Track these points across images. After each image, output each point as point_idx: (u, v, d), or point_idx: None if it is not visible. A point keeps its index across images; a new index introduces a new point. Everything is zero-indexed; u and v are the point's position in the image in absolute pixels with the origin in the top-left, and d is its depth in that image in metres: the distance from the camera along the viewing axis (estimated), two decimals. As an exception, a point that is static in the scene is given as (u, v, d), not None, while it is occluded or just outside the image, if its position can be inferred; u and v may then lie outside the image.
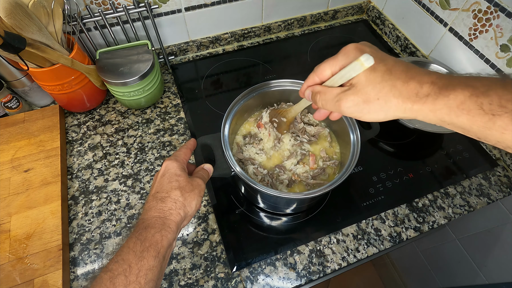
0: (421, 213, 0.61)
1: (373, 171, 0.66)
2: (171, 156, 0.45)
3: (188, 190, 0.40)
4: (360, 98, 0.32)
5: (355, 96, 0.32)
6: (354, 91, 0.32)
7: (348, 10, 0.96)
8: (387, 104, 0.31)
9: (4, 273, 0.50)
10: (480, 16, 0.66)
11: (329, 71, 0.35)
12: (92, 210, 0.60)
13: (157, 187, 0.41)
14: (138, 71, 0.65)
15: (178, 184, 0.40)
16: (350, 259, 0.56)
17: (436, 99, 0.29)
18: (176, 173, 0.41)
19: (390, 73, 0.31)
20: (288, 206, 0.58)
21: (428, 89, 0.29)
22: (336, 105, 0.34)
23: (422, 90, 0.29)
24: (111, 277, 0.32)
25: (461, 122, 0.28)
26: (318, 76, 0.37)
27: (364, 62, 0.30)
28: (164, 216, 0.37)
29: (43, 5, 0.55)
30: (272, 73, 0.83)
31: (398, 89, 0.30)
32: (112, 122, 0.73)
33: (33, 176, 0.61)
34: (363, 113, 0.33)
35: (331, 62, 0.35)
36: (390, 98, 0.31)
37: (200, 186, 0.42)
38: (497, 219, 0.77)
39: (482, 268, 0.87)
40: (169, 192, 0.39)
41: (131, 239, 0.35)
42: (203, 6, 0.78)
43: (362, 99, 0.32)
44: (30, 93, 0.70)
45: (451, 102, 0.28)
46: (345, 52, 0.34)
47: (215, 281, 0.53)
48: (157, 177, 0.42)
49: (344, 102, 0.33)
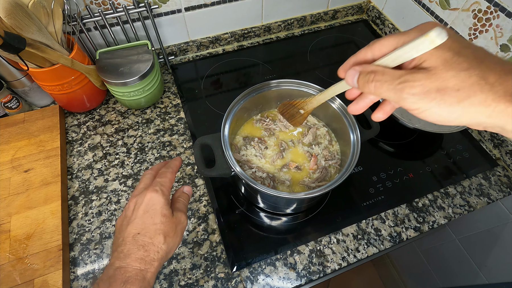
0: (421, 213, 0.61)
1: (373, 171, 0.66)
2: (156, 184, 0.39)
3: (172, 234, 0.37)
4: (433, 85, 0.24)
5: (428, 81, 0.24)
6: (427, 75, 0.24)
7: (348, 10, 0.96)
8: (469, 99, 0.23)
9: (4, 273, 0.50)
10: (480, 16, 0.66)
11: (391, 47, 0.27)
12: (92, 210, 0.60)
13: (139, 225, 0.36)
14: (138, 71, 0.65)
15: (163, 228, 0.37)
16: (350, 259, 0.56)
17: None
18: (162, 213, 0.37)
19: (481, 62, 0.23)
20: (288, 206, 0.58)
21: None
22: (396, 89, 0.25)
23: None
24: None
25: None
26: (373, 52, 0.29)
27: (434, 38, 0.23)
28: (145, 269, 0.34)
29: (43, 5, 0.55)
30: (272, 73, 0.83)
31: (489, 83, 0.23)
32: (112, 122, 0.73)
33: (33, 176, 0.61)
34: (431, 105, 0.24)
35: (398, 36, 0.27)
36: (475, 92, 0.23)
37: (182, 224, 0.39)
38: (497, 219, 0.77)
39: (482, 268, 0.87)
40: (152, 237, 0.36)
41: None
42: (203, 6, 0.78)
43: (436, 86, 0.24)
44: (30, 93, 0.70)
45: None
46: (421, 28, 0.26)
47: (215, 281, 0.53)
48: (139, 210, 0.38)
49: (410, 88, 0.25)
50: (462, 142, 0.71)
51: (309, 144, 0.58)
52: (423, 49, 0.24)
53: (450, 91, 0.23)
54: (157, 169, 0.44)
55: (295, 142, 0.59)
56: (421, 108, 0.25)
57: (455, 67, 0.24)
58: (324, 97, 0.41)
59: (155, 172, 0.43)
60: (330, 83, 0.37)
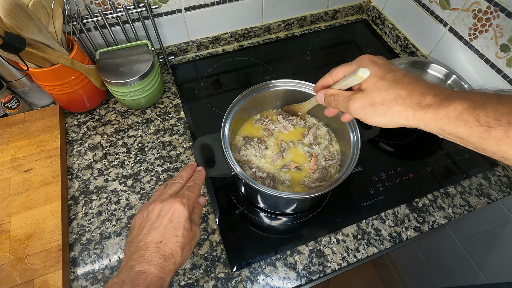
0: (421, 213, 0.61)
1: (373, 171, 0.66)
2: (184, 197, 0.41)
3: (188, 247, 0.39)
4: (366, 101, 0.35)
5: (363, 99, 0.36)
6: (362, 95, 0.36)
7: (348, 10, 0.96)
8: (391, 110, 0.34)
9: (4, 273, 0.50)
10: (480, 16, 0.66)
11: (342, 75, 0.39)
12: (92, 210, 0.60)
13: (162, 234, 0.38)
14: (138, 71, 0.65)
15: (182, 241, 0.38)
16: (350, 259, 0.56)
17: (437, 109, 0.31)
18: (184, 226, 0.39)
19: (396, 83, 0.34)
20: (288, 206, 0.58)
21: (431, 100, 0.32)
22: (345, 105, 0.38)
23: (425, 101, 0.32)
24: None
25: (459, 132, 0.30)
26: (332, 78, 0.41)
27: (361, 75, 0.34)
28: (163, 277, 0.36)
29: (43, 5, 0.55)
30: (272, 73, 0.83)
31: (402, 98, 0.33)
32: (112, 122, 0.73)
33: (33, 176, 0.61)
34: (368, 116, 0.36)
35: (346, 67, 0.39)
36: (393, 105, 0.34)
37: (197, 237, 0.41)
38: (497, 219, 0.77)
39: (482, 268, 0.87)
40: (172, 249, 0.37)
41: None
42: (203, 6, 0.78)
43: (368, 102, 0.35)
44: (30, 93, 0.70)
45: (451, 113, 0.30)
46: (359, 61, 0.38)
47: (215, 281, 0.53)
48: (164, 218, 0.39)
49: (353, 103, 0.36)
50: (462, 142, 0.70)
51: (310, 144, 0.58)
52: (356, 81, 0.37)
53: (378, 104, 0.35)
54: (187, 178, 0.46)
55: (295, 142, 0.59)
56: (363, 117, 0.37)
57: (379, 88, 0.35)
58: (309, 105, 0.54)
59: (184, 182, 0.45)
60: (330, 83, 0.39)
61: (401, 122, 0.34)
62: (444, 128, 0.31)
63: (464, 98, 0.30)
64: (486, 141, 0.29)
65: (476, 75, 0.71)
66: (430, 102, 0.32)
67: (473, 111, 0.29)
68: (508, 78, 0.64)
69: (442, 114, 0.31)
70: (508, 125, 0.27)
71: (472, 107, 0.29)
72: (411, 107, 0.33)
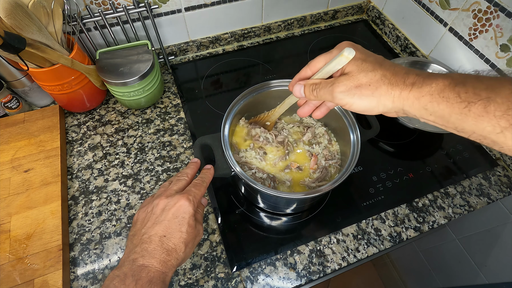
0: (421, 213, 0.61)
1: (373, 171, 0.66)
2: (190, 193, 0.41)
3: (191, 244, 0.39)
4: (352, 83, 0.34)
5: (348, 81, 0.34)
6: (347, 77, 0.35)
7: (348, 10, 0.96)
8: (378, 90, 0.33)
9: (4, 273, 0.50)
10: (480, 16, 0.66)
11: (323, 63, 0.38)
12: (92, 210, 0.60)
13: (167, 228, 0.38)
14: (138, 71, 0.65)
15: (186, 237, 0.38)
16: (350, 259, 0.56)
17: (420, 87, 0.31)
18: (189, 222, 0.39)
19: (380, 65, 0.34)
20: (288, 206, 0.58)
21: (414, 79, 0.32)
22: (329, 90, 0.36)
23: (409, 79, 0.32)
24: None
25: (441, 109, 0.30)
26: (311, 69, 0.39)
27: (347, 55, 0.33)
28: (165, 272, 0.36)
29: (43, 5, 0.55)
30: (272, 73, 0.83)
31: (387, 78, 0.33)
32: (112, 122, 0.73)
33: (33, 176, 0.61)
34: (354, 99, 0.34)
35: (326, 55, 0.38)
36: (380, 85, 0.33)
37: (200, 236, 0.41)
38: (497, 219, 0.77)
39: (482, 268, 0.87)
40: (176, 244, 0.37)
41: (132, 284, 0.34)
42: (203, 6, 0.78)
43: (354, 84, 0.34)
44: (30, 93, 0.70)
45: (433, 90, 0.30)
46: (339, 46, 0.37)
47: (215, 281, 0.53)
48: (169, 213, 0.39)
49: (338, 86, 0.35)
50: (462, 142, 0.71)
51: (309, 142, 0.58)
52: (342, 63, 0.35)
53: (364, 85, 0.34)
54: (192, 175, 0.46)
55: (297, 141, 0.59)
56: (348, 102, 0.35)
57: (364, 69, 0.34)
58: (282, 109, 0.51)
59: (189, 179, 0.45)
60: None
61: (387, 104, 0.33)
62: (426, 106, 0.31)
63: (445, 76, 0.31)
64: (467, 117, 0.29)
65: (476, 75, 0.71)
66: (413, 81, 0.32)
67: (453, 87, 0.30)
68: (508, 78, 0.64)
69: (426, 91, 0.31)
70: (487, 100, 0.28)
71: (453, 84, 0.30)
72: (397, 85, 0.32)
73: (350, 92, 0.34)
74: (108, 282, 0.34)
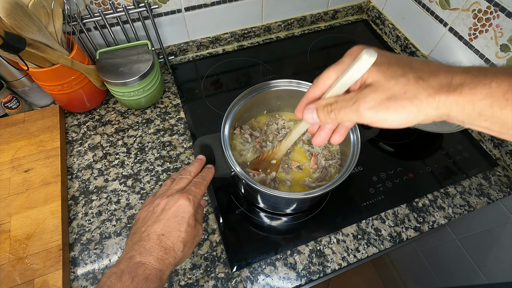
0: (421, 213, 0.61)
1: (373, 171, 0.66)
2: (190, 193, 0.41)
3: (189, 244, 0.39)
4: (383, 95, 0.27)
5: (376, 94, 0.27)
6: (373, 89, 0.27)
7: (348, 10, 0.96)
8: (417, 98, 0.26)
9: (4, 273, 0.50)
10: (480, 16, 0.66)
11: (334, 77, 0.30)
12: (92, 210, 0.60)
13: (165, 227, 0.38)
14: (138, 71, 0.65)
15: (185, 237, 0.38)
16: (350, 259, 0.56)
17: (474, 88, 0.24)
18: (188, 222, 0.39)
19: (411, 67, 0.27)
20: (288, 206, 0.58)
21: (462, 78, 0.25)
22: (353, 110, 0.28)
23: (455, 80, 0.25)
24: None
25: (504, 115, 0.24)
26: (320, 87, 0.32)
27: (368, 57, 0.26)
28: (162, 270, 0.36)
29: (43, 5, 0.55)
30: (272, 73, 0.83)
31: (426, 81, 0.26)
32: (112, 122, 0.73)
33: (33, 176, 0.61)
34: (390, 113, 0.27)
35: (336, 66, 0.30)
36: (419, 91, 0.26)
37: (199, 236, 0.41)
38: (497, 219, 0.77)
39: (482, 268, 0.87)
40: (174, 243, 0.37)
41: (128, 281, 0.33)
42: (203, 6, 0.78)
43: (386, 96, 0.26)
44: (30, 93, 0.70)
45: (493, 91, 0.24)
46: (351, 53, 0.30)
47: (215, 281, 0.53)
48: (168, 212, 0.39)
49: (364, 103, 0.27)
50: (462, 142, 0.71)
51: (309, 142, 0.58)
52: (362, 70, 0.27)
53: (399, 95, 0.26)
54: (195, 173, 0.45)
55: (297, 141, 0.59)
56: (381, 118, 0.27)
57: (393, 76, 0.27)
58: (289, 142, 0.43)
59: (192, 177, 0.45)
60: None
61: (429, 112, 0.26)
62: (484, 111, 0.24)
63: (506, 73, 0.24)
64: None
65: (476, 75, 0.71)
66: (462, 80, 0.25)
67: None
68: (508, 78, 0.64)
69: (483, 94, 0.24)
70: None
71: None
72: (441, 89, 0.25)
73: (383, 106, 0.27)
74: (105, 279, 0.34)
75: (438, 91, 0.25)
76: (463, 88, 0.25)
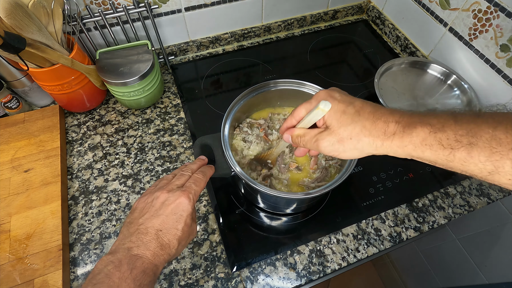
0: (421, 213, 0.61)
1: (373, 171, 0.66)
2: (190, 191, 0.41)
3: (184, 242, 0.40)
4: (334, 138, 0.36)
5: (330, 137, 0.36)
6: (329, 132, 0.36)
7: (348, 10, 0.96)
8: (360, 143, 0.35)
9: (4, 273, 0.50)
10: (480, 16, 0.66)
11: (304, 112, 0.40)
12: (92, 210, 0.60)
13: (163, 223, 0.38)
14: (138, 71, 0.65)
15: (180, 235, 0.38)
16: (350, 259, 0.56)
17: (402, 137, 0.32)
18: (185, 221, 0.39)
19: (359, 115, 0.35)
20: (288, 206, 0.58)
21: (394, 128, 0.33)
22: (315, 145, 0.38)
23: (389, 129, 0.33)
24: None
25: (427, 156, 0.32)
26: (295, 118, 0.41)
27: (323, 108, 0.35)
28: (157, 265, 0.36)
29: (43, 5, 0.55)
30: (272, 73, 0.83)
31: (367, 129, 0.34)
32: (112, 122, 0.73)
33: (33, 176, 0.61)
34: (339, 152, 0.36)
35: (306, 104, 0.40)
36: (361, 137, 0.34)
37: (194, 235, 0.42)
38: (497, 219, 0.77)
39: (482, 268, 0.87)
40: (170, 240, 0.38)
41: (127, 272, 0.34)
42: (203, 6, 0.78)
43: (337, 139, 0.36)
44: (30, 93, 0.70)
45: (415, 139, 0.31)
46: (317, 97, 0.39)
47: (215, 281, 0.53)
48: (167, 208, 0.39)
49: (321, 142, 0.37)
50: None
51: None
52: (319, 115, 0.36)
53: (346, 139, 0.35)
54: (194, 170, 0.46)
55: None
56: (334, 154, 0.37)
57: (343, 123, 0.35)
58: (278, 150, 0.52)
59: (191, 173, 0.45)
60: (330, 83, 0.40)
61: (371, 151, 0.35)
62: (411, 153, 0.32)
63: (423, 123, 0.31)
64: (453, 162, 0.30)
65: (476, 75, 0.71)
66: (394, 130, 0.33)
67: (434, 135, 0.30)
68: (508, 78, 0.64)
69: (407, 141, 0.32)
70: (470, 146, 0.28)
71: (433, 132, 0.30)
72: (378, 136, 0.33)
73: (334, 146, 0.36)
74: (101, 267, 0.34)
75: (376, 138, 0.34)
76: (394, 136, 0.33)
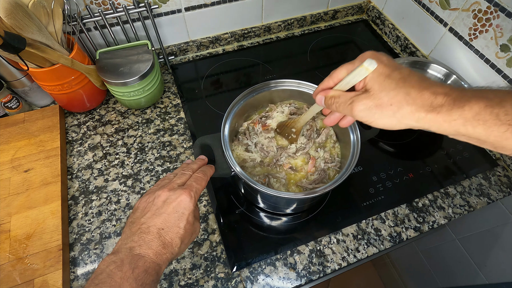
0: (421, 213, 0.61)
1: (373, 171, 0.66)
2: (192, 189, 0.40)
3: (186, 241, 0.39)
4: (372, 103, 0.33)
5: (368, 100, 0.33)
6: (367, 95, 0.33)
7: (348, 10, 0.96)
8: (400, 111, 0.31)
9: (4, 273, 0.50)
10: (480, 16, 0.66)
11: (344, 73, 0.36)
12: (92, 210, 0.60)
13: (165, 221, 0.38)
14: (138, 71, 0.65)
15: (183, 233, 0.38)
16: (350, 259, 0.56)
17: (450, 110, 0.29)
18: (187, 219, 0.39)
19: (404, 81, 0.32)
20: (288, 206, 0.58)
21: (442, 100, 0.30)
22: (348, 108, 0.35)
23: (436, 101, 0.30)
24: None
25: (477, 133, 0.29)
26: (333, 79, 0.38)
27: (367, 66, 0.32)
28: (160, 264, 0.36)
29: (43, 5, 0.55)
30: (272, 73, 0.83)
31: (412, 97, 0.31)
32: (112, 122, 0.73)
33: (33, 176, 0.61)
34: (375, 118, 0.33)
35: (348, 65, 0.37)
36: (403, 105, 0.31)
37: (196, 233, 0.41)
38: (497, 219, 0.77)
39: (482, 268, 0.87)
40: (172, 239, 0.37)
41: (129, 272, 0.33)
42: (203, 6, 0.78)
43: (375, 104, 0.33)
44: (30, 93, 0.70)
45: (466, 113, 0.28)
46: (361, 57, 0.35)
47: (215, 281, 0.53)
48: (169, 206, 0.39)
49: (357, 105, 0.34)
50: (462, 142, 0.69)
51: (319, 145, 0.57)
52: (362, 75, 0.33)
53: (385, 105, 0.32)
54: (195, 170, 0.45)
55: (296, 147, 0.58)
56: (368, 120, 0.34)
57: (386, 87, 0.32)
58: (307, 116, 0.50)
59: (192, 173, 0.45)
60: (330, 83, 0.39)
61: (410, 123, 0.32)
62: (459, 130, 0.29)
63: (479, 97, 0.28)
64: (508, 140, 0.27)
65: (476, 75, 0.71)
66: (442, 102, 0.29)
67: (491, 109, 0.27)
68: (508, 78, 0.64)
69: (457, 115, 0.29)
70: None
71: (489, 106, 0.27)
72: (422, 106, 0.30)
73: (370, 111, 0.33)
74: (104, 267, 0.34)
75: (420, 108, 0.30)
76: (441, 109, 0.30)
